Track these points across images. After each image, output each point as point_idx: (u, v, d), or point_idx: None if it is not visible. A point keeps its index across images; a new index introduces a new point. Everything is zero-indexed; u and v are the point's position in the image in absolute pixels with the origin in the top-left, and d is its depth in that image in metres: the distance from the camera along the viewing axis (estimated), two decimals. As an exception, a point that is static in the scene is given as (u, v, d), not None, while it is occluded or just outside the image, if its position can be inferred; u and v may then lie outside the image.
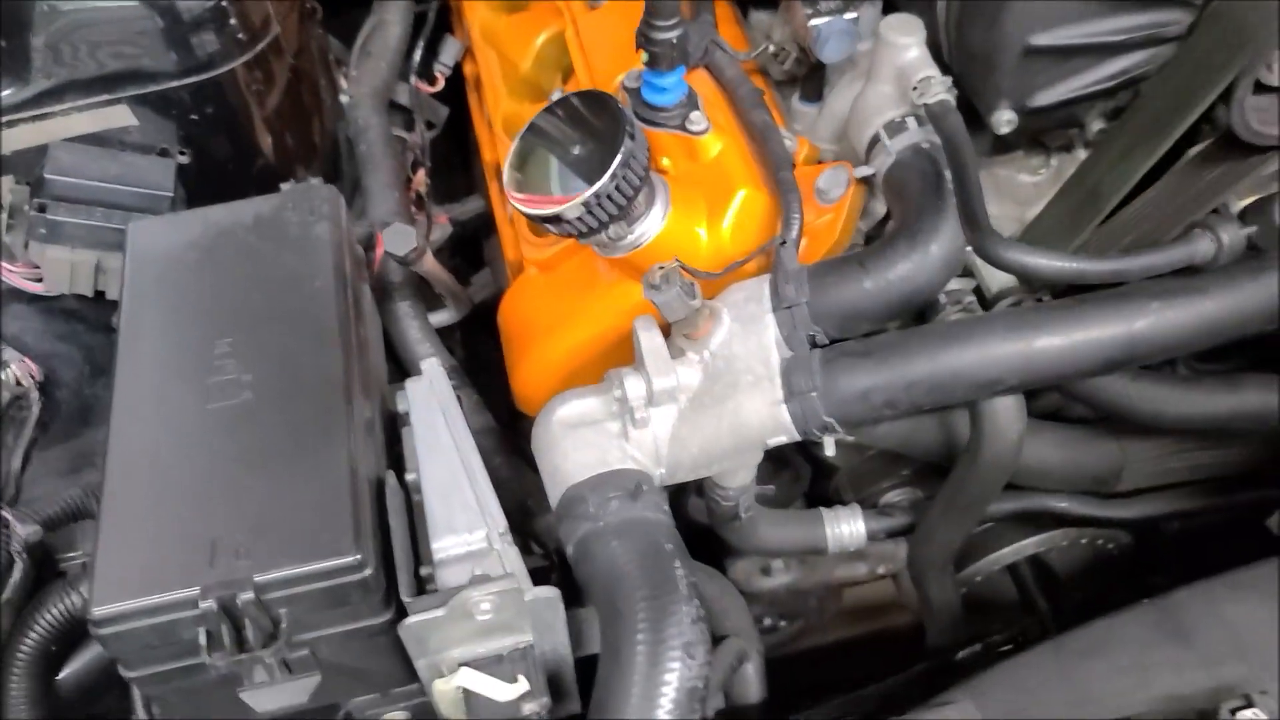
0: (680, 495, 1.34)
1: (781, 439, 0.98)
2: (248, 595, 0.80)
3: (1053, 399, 1.21)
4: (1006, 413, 1.01)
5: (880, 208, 1.16)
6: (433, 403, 1.00)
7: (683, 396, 0.98)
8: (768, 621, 1.62)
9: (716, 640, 1.14)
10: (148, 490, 0.87)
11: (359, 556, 0.82)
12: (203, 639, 0.81)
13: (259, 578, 0.80)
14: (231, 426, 0.90)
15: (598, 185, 0.96)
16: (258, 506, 0.85)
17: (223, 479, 0.87)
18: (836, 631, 1.80)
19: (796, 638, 1.70)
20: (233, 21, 1.15)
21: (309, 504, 0.85)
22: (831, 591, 1.62)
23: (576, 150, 1.00)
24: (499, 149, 1.36)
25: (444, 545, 0.90)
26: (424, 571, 0.91)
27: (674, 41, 1.02)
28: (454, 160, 1.71)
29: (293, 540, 0.83)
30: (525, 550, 1.30)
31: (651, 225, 1.05)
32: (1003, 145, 1.20)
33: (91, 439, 1.11)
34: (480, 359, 1.47)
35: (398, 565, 0.88)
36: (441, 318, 1.36)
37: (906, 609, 1.71)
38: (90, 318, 1.18)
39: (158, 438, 0.90)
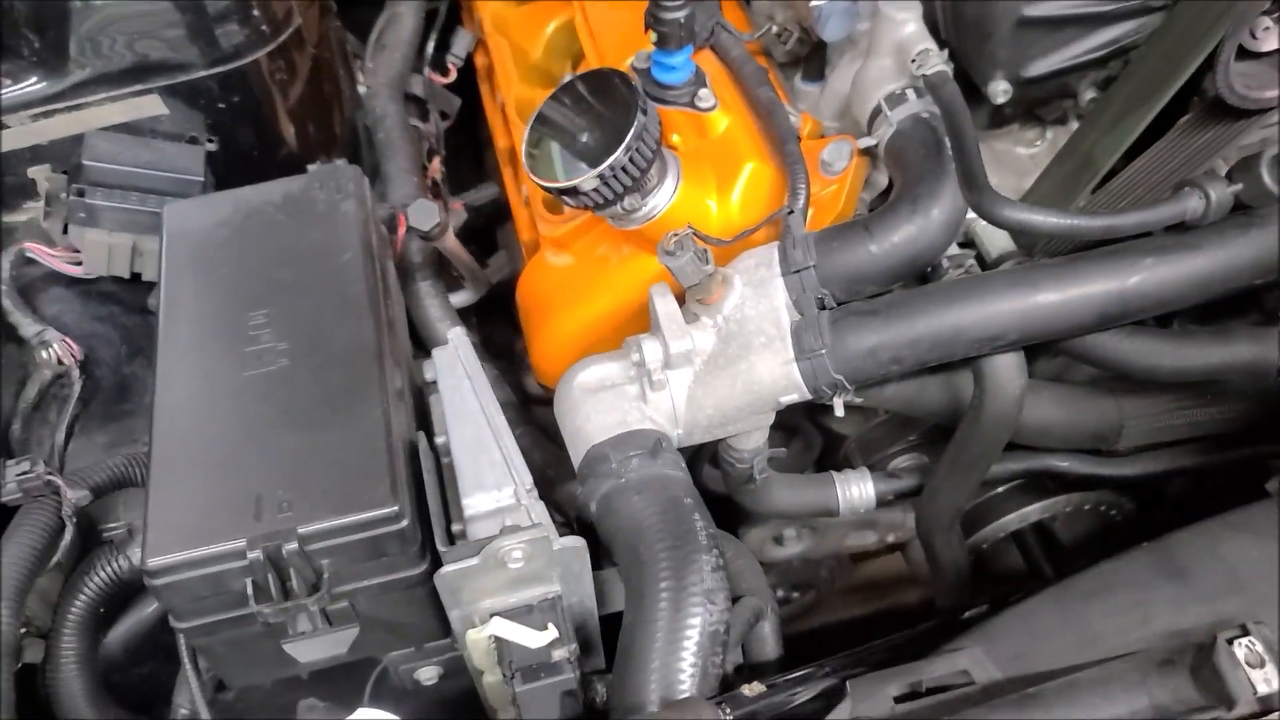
0: (694, 466, 1.38)
1: (793, 397, 1.02)
2: (292, 546, 0.84)
3: (1055, 364, 1.25)
4: (1008, 369, 1.05)
5: (882, 179, 1.20)
6: (459, 368, 1.04)
7: (698, 359, 1.03)
8: (780, 593, 1.67)
9: (733, 600, 1.19)
10: (193, 451, 0.92)
11: (396, 508, 0.86)
12: (250, 589, 0.85)
13: (303, 529, 0.85)
14: (269, 391, 0.95)
15: (613, 157, 1.00)
16: (298, 464, 0.90)
17: (264, 439, 0.92)
18: (848, 608, 1.84)
19: (809, 609, 1.75)
20: (256, 14, 1.20)
21: (347, 460, 0.90)
22: (842, 562, 1.67)
23: (588, 132, 1.05)
24: (513, 134, 1.41)
25: (474, 502, 0.95)
26: (455, 528, 0.96)
27: (682, 21, 1.07)
28: (466, 151, 1.76)
29: (333, 494, 0.87)
30: (547, 519, 1.34)
31: (664, 197, 1.09)
32: (999, 119, 1.24)
33: (130, 415, 1.15)
34: (495, 344, 1.51)
35: (432, 519, 0.92)
36: (460, 299, 1.41)
37: (916, 585, 1.75)
38: (127, 299, 1.23)
39: (200, 403, 0.95)
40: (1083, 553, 1.51)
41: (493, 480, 0.96)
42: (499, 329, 1.53)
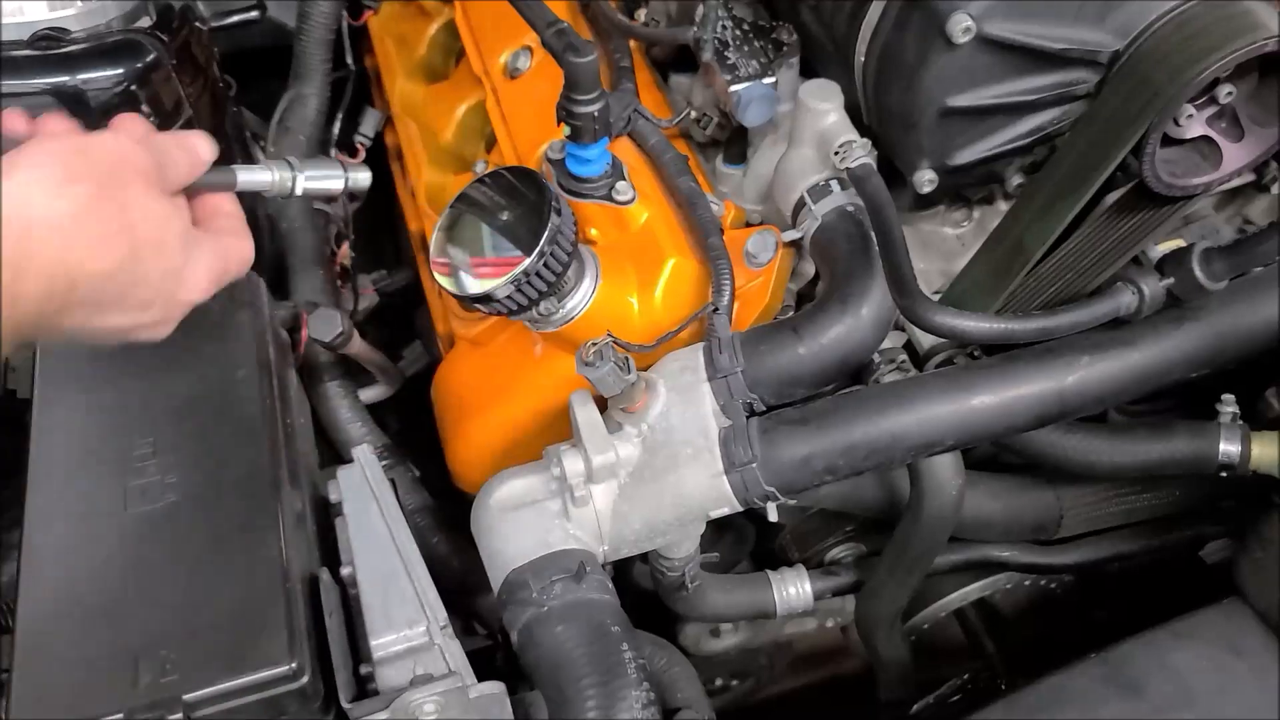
0: (626, 562, 1.32)
1: (724, 510, 0.97)
2: (176, 716, 0.76)
3: (986, 448, 1.22)
4: (945, 469, 1.02)
5: (810, 268, 1.16)
6: (365, 491, 0.97)
7: (623, 471, 0.97)
8: (719, 682, 1.61)
9: (669, 713, 1.13)
10: (66, 604, 0.83)
11: (294, 665, 0.79)
12: (128, 768, 0.77)
13: (188, 695, 0.77)
14: (155, 532, 0.87)
15: (525, 264, 0.94)
16: (185, 616, 0.82)
17: (147, 588, 0.84)
18: (787, 681, 1.78)
19: (748, 695, 1.69)
20: (144, 107, 1.12)
21: (239, 610, 0.82)
22: (780, 647, 1.61)
23: (504, 218, 0.99)
24: (424, 220, 1.35)
25: (383, 642, 0.87)
26: (364, 670, 0.88)
27: (595, 115, 1.01)
28: (381, 225, 1.68)
29: (223, 650, 0.79)
30: (468, 630, 1.27)
31: (582, 298, 1.04)
32: (925, 200, 1.21)
33: (5, 540, 1.05)
34: (417, 429, 1.44)
35: (336, 668, 0.85)
36: (372, 394, 1.33)
37: (854, 655, 1.71)
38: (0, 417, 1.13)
39: (76, 547, 0.86)
40: (1024, 625, 1.48)
41: (403, 617, 0.88)
42: (420, 415, 1.47)
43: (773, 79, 1.14)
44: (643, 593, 1.28)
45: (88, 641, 0.81)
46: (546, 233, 0.94)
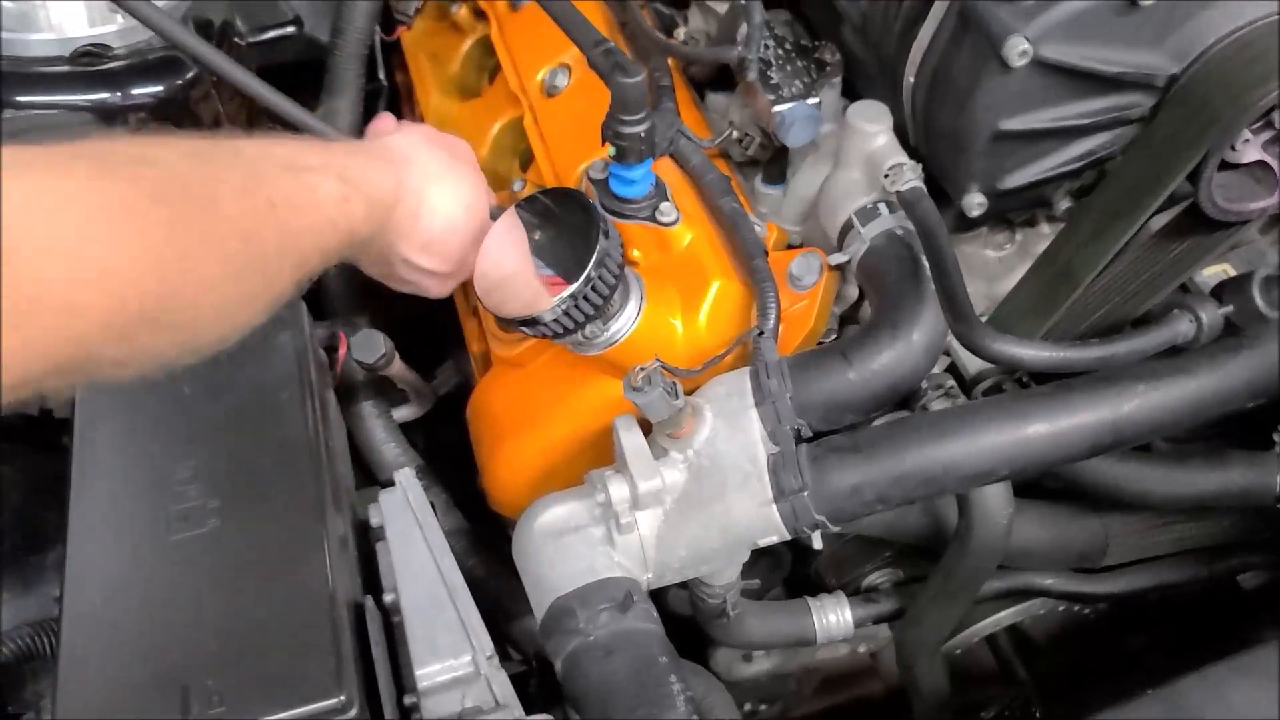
0: (662, 587, 1.30)
1: (772, 539, 0.95)
2: (225, 748, 0.75)
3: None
4: (995, 498, 1.00)
5: (853, 291, 1.15)
6: (408, 516, 0.95)
7: (668, 498, 0.95)
8: (747, 707, 1.59)
9: (707, 741, 1.11)
10: (110, 634, 0.82)
11: (342, 698, 0.77)
12: (176, 801, 0.75)
13: (236, 728, 0.75)
14: (198, 558, 0.85)
15: (573, 287, 0.93)
16: (231, 645, 0.80)
17: (192, 617, 0.82)
18: (812, 704, 1.77)
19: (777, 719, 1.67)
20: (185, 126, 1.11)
21: (286, 639, 0.81)
22: (809, 672, 1.59)
23: (550, 240, 0.98)
24: (459, 239, 1.33)
25: (428, 672, 0.86)
26: (408, 701, 0.87)
27: (642, 135, 1.00)
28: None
29: (271, 681, 0.78)
30: (503, 655, 1.25)
31: (626, 321, 1.02)
32: (968, 222, 1.20)
33: (42, 569, 1.04)
34: (444, 446, 1.42)
35: (382, 699, 0.83)
36: (404, 413, 1.32)
37: (879, 677, 1.69)
38: (36, 437, 1.12)
39: (118, 575, 0.85)
40: (1057, 652, 1.46)
41: (448, 646, 0.87)
42: (448, 433, 1.45)
43: (816, 99, 1.12)
44: (674, 617, 1.26)
45: (133, 670, 0.80)
46: (595, 255, 0.93)
